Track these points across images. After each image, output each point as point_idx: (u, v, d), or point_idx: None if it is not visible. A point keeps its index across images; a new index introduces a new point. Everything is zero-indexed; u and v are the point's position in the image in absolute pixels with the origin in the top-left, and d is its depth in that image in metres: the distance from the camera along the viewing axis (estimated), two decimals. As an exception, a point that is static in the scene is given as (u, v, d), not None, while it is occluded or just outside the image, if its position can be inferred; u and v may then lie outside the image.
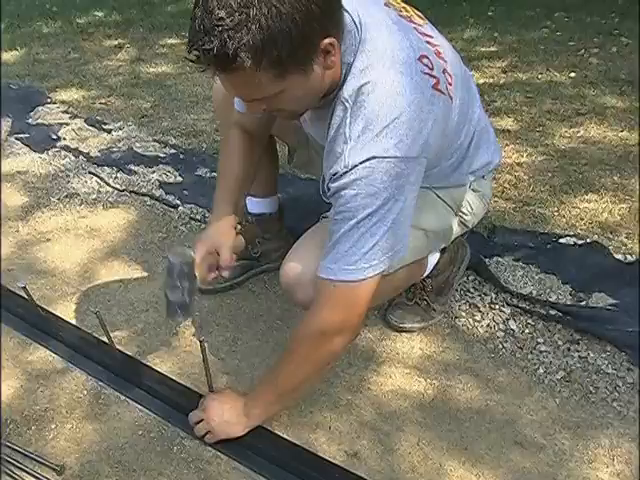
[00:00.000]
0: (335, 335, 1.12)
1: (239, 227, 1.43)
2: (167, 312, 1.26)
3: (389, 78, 1.00)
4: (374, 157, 0.99)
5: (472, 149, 1.27)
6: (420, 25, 1.15)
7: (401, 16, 1.12)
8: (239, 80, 0.94)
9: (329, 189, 1.07)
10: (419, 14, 1.20)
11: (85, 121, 2.84)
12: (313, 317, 1.13)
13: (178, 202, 2.13)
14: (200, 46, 0.88)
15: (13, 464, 1.21)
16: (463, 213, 1.37)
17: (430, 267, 1.47)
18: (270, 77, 0.92)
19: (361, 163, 1.00)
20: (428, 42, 1.11)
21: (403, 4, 1.18)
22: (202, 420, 1.24)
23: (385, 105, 0.99)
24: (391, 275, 1.19)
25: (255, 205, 1.68)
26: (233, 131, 1.36)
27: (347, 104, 1.01)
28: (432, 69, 1.06)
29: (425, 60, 1.05)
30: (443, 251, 1.48)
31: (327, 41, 0.94)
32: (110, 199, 2.19)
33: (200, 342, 1.22)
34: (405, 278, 1.37)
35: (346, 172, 1.01)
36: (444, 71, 1.10)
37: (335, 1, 0.96)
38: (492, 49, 3.52)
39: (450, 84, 1.11)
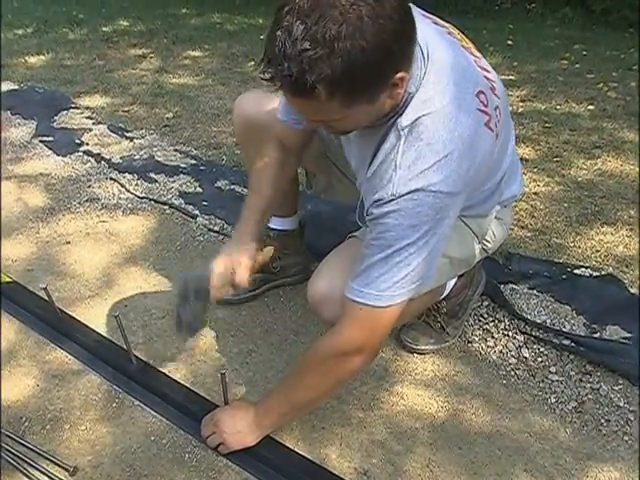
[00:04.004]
0: (355, 355, 1.14)
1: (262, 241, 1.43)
2: (176, 328, 1.27)
3: (448, 113, 1.00)
4: (422, 189, 0.99)
5: (504, 182, 1.28)
6: (479, 58, 1.15)
7: (463, 47, 1.13)
8: (307, 104, 0.94)
9: (369, 213, 1.07)
10: (474, 46, 1.19)
11: (108, 127, 2.89)
12: (335, 335, 1.14)
13: (197, 213, 2.15)
14: (279, 70, 0.87)
15: (27, 462, 1.22)
16: (486, 240, 1.38)
17: (448, 290, 1.48)
18: (338, 106, 0.92)
19: (408, 193, 1.00)
20: (486, 77, 1.11)
21: (461, 34, 1.18)
22: (214, 433, 1.25)
23: (440, 140, 0.99)
24: (412, 300, 1.20)
25: (276, 222, 1.68)
26: (270, 145, 1.35)
27: (402, 132, 1.01)
28: (486, 106, 1.06)
29: (482, 96, 1.06)
30: (460, 275, 1.49)
31: (399, 75, 0.93)
32: (130, 205, 2.21)
33: (221, 375, 1.24)
34: (424, 302, 1.39)
35: (391, 200, 1.01)
36: (496, 108, 1.10)
37: (412, 37, 0.95)
38: (511, 78, 3.55)
39: (499, 121, 1.11)
